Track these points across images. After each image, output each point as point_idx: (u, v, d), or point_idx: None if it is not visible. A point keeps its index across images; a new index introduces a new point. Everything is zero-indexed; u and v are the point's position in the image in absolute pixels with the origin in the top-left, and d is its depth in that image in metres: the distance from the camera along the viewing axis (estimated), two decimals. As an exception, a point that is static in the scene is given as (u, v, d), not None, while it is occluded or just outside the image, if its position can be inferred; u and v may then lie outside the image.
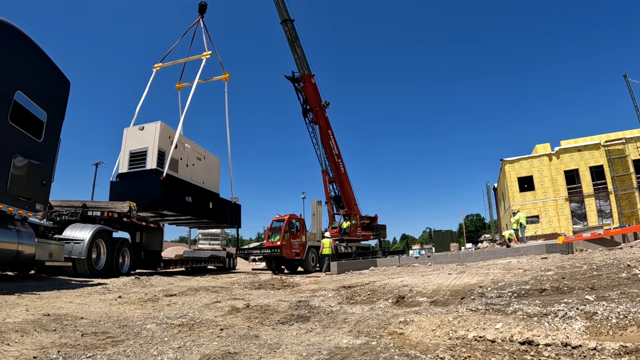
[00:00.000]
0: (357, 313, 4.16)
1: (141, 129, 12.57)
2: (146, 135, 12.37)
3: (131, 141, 12.61)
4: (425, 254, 18.87)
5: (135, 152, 12.36)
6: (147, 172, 11.99)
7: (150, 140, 12.22)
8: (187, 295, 6.35)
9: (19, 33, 6.26)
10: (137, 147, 12.37)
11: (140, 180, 12.01)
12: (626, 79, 35.86)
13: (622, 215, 31.11)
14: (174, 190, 12.57)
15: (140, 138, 12.44)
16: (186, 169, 13.75)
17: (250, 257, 24.42)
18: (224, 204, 17.00)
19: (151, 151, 12.10)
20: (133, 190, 11.88)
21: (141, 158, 12.20)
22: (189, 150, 14.00)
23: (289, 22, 20.26)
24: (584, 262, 6.78)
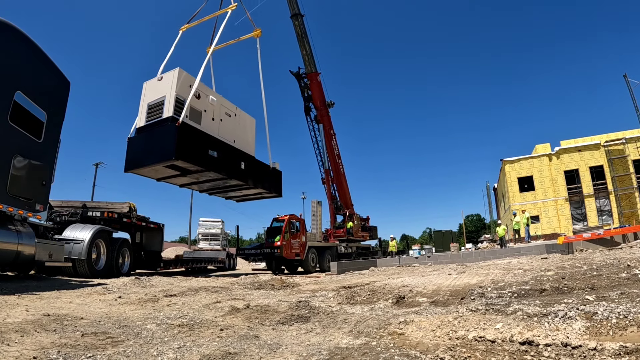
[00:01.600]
0: (357, 313, 4.16)
1: (159, 80, 11.72)
2: (164, 84, 11.51)
3: (149, 94, 11.75)
4: (425, 254, 18.89)
5: (152, 103, 11.46)
6: (163, 120, 11.09)
7: (167, 88, 11.32)
8: (187, 295, 6.35)
9: (18, 33, 6.26)
10: (154, 98, 11.49)
11: (155, 131, 11.12)
12: (626, 79, 35.87)
13: (622, 216, 31.12)
14: (193, 141, 11.42)
15: (158, 88, 11.58)
16: (212, 123, 12.42)
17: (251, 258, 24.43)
18: (261, 167, 15.03)
19: (168, 99, 11.18)
20: (149, 143, 11.15)
21: (158, 109, 11.29)
22: (216, 104, 12.68)
23: (299, 17, 19.97)
24: (584, 262, 6.78)
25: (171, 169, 11.74)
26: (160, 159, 11.00)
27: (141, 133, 11.47)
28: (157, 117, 11.20)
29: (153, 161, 11.09)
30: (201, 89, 12.17)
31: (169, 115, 11.00)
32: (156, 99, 11.41)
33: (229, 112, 13.52)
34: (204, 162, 11.78)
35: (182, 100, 11.31)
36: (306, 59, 20.63)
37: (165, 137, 10.85)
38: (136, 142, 11.50)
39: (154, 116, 11.30)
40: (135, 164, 11.30)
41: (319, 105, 21.43)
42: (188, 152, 11.09)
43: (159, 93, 11.47)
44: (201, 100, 12.02)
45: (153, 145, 10.99)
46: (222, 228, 26.61)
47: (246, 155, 14.06)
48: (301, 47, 20.48)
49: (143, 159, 11.21)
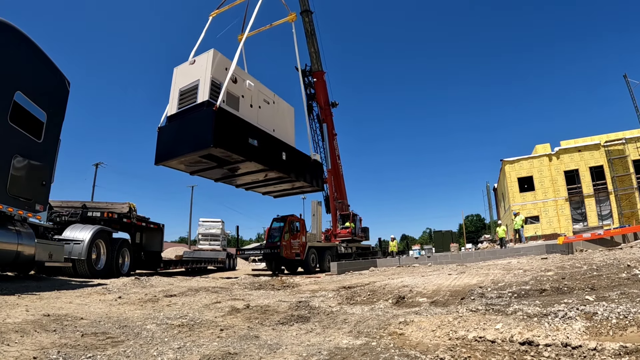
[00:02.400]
0: (357, 313, 4.16)
1: (192, 63, 10.75)
2: (197, 67, 10.56)
3: (181, 79, 10.82)
4: (425, 255, 18.90)
5: (185, 88, 10.49)
6: (198, 106, 10.09)
7: (202, 71, 10.33)
8: (187, 295, 6.35)
9: (18, 33, 6.26)
10: (187, 83, 10.55)
11: (191, 117, 10.13)
12: (626, 79, 35.88)
13: (622, 216, 31.13)
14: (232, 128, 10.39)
15: (190, 73, 10.64)
16: (250, 110, 11.36)
17: (250, 258, 24.43)
18: (303, 158, 13.88)
19: (202, 82, 10.20)
20: (182, 131, 10.20)
21: (192, 93, 10.32)
22: (253, 90, 11.62)
23: (309, 14, 19.80)
24: (584, 263, 6.77)
25: (207, 160, 10.76)
26: (196, 147, 9.97)
27: (173, 121, 10.51)
28: (191, 102, 10.21)
29: (187, 150, 10.07)
30: (238, 73, 11.12)
31: (205, 100, 9.96)
32: (189, 83, 10.46)
33: (267, 99, 12.44)
34: (244, 151, 10.69)
35: (218, 83, 10.28)
36: (313, 57, 20.47)
37: (200, 123, 9.82)
38: (167, 132, 10.57)
39: (187, 102, 10.33)
40: (167, 155, 10.38)
41: (323, 105, 21.34)
42: (227, 140, 10.00)
43: (192, 77, 10.52)
44: (238, 85, 10.92)
45: (187, 133, 10.02)
46: (222, 228, 26.59)
47: (287, 145, 12.97)
48: (309, 45, 20.35)
49: (176, 149, 10.24)
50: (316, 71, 20.79)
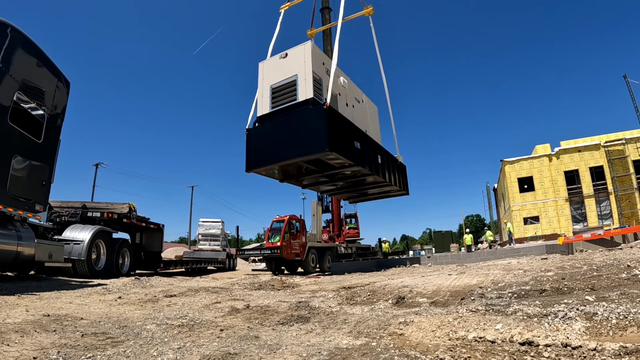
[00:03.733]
0: (357, 314, 4.16)
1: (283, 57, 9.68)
2: (292, 61, 9.47)
3: (271, 75, 9.75)
4: (425, 255, 18.90)
5: (279, 85, 9.41)
6: (301, 104, 8.96)
7: (299, 66, 9.22)
8: (187, 296, 6.35)
9: (18, 33, 6.26)
10: (281, 79, 9.46)
11: (292, 117, 8.99)
12: (626, 80, 35.89)
13: (622, 216, 31.13)
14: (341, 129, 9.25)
15: (283, 68, 9.59)
16: (347, 109, 10.26)
17: (250, 258, 24.42)
18: (392, 160, 12.84)
19: (303, 77, 9.07)
20: (282, 132, 9.06)
21: (289, 90, 9.25)
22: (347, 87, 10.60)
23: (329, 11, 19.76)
24: (584, 263, 6.77)
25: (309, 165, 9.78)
26: (304, 151, 8.80)
27: (267, 121, 9.42)
28: (289, 100, 9.12)
29: (292, 155, 8.95)
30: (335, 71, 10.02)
31: (309, 97, 8.86)
32: (284, 79, 9.38)
33: (358, 98, 11.39)
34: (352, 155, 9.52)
35: (318, 79, 9.28)
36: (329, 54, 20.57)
37: (308, 124, 8.70)
38: (261, 134, 9.45)
39: (283, 100, 9.25)
40: (264, 160, 9.41)
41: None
42: (339, 143, 8.89)
43: (286, 72, 9.44)
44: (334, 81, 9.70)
45: (290, 135, 8.85)
46: (222, 228, 26.59)
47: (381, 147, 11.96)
48: (325, 42, 20.39)
49: (276, 154, 9.18)
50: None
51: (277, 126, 9.17)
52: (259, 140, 9.45)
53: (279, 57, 9.80)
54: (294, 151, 8.88)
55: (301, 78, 9.11)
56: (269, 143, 9.19)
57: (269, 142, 9.20)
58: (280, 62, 9.69)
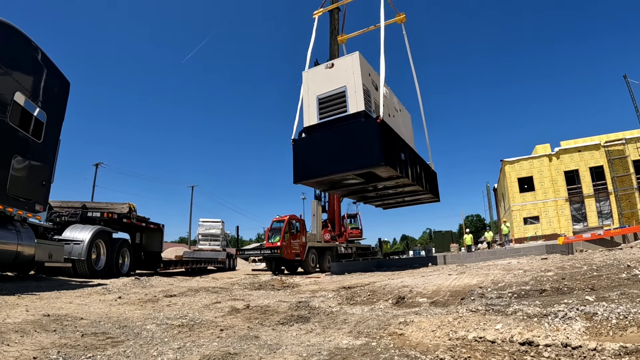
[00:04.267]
0: (357, 314, 4.16)
1: (329, 67, 9.64)
2: (340, 72, 9.39)
3: (317, 85, 9.65)
4: (425, 255, 18.89)
5: (326, 95, 9.33)
6: (352, 116, 8.90)
7: (348, 77, 9.16)
8: (187, 295, 6.35)
9: (18, 33, 6.26)
10: (328, 89, 9.38)
11: (343, 129, 8.90)
12: (626, 80, 35.90)
13: (622, 216, 31.14)
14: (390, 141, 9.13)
15: (330, 78, 9.47)
16: (390, 120, 10.11)
17: (250, 258, 24.42)
18: (425, 167, 12.66)
19: (353, 89, 8.99)
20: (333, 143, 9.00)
21: (338, 101, 9.17)
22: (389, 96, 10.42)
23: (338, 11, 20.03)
24: (584, 263, 6.77)
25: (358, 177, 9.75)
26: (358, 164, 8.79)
27: (315, 132, 9.37)
28: (339, 111, 9.07)
29: (345, 168, 8.92)
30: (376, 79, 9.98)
31: (360, 110, 8.84)
32: (332, 89, 9.33)
33: (397, 107, 11.30)
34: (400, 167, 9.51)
35: (368, 91, 9.24)
36: (335, 55, 20.57)
37: (362, 137, 8.68)
38: (310, 145, 9.42)
39: (332, 111, 9.20)
40: (314, 172, 9.37)
41: None
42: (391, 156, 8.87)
43: (334, 83, 9.36)
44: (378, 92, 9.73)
45: (342, 148, 8.83)
46: (222, 228, 26.60)
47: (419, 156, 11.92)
48: (333, 43, 20.39)
49: (328, 166, 9.13)
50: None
51: (327, 138, 9.14)
52: (308, 152, 9.44)
53: (324, 67, 9.79)
54: (346, 164, 8.86)
55: (350, 90, 9.07)
56: (319, 155, 9.17)
57: (318, 154, 9.19)
58: (326, 72, 9.64)
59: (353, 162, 8.80)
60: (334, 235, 20.18)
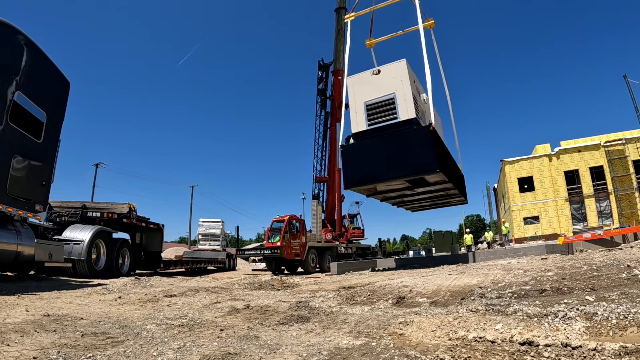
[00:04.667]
0: (357, 314, 4.16)
1: (376, 73, 9.71)
2: (387, 79, 9.49)
3: (364, 91, 9.76)
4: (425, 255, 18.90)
5: (374, 102, 9.45)
6: (403, 123, 9.05)
7: (396, 84, 9.32)
8: (187, 295, 6.35)
9: (18, 33, 6.26)
10: (376, 96, 9.50)
11: (395, 136, 9.05)
12: (626, 80, 35.92)
13: (622, 216, 31.13)
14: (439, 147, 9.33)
15: (377, 84, 9.58)
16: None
17: (250, 258, 24.42)
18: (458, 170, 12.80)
19: (402, 96, 9.15)
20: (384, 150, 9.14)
21: (387, 108, 9.27)
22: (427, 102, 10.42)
23: (344, 11, 19.77)
24: (584, 263, 6.77)
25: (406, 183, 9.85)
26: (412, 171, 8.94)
27: (364, 139, 9.50)
28: (389, 118, 9.24)
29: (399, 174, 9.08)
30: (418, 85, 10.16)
31: (411, 117, 9.01)
32: (380, 96, 9.45)
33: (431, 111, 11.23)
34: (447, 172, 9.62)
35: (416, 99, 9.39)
36: (340, 55, 20.38)
37: (415, 144, 8.86)
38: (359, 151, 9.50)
39: (381, 118, 9.35)
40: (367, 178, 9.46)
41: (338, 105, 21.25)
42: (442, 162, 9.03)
43: (381, 90, 9.49)
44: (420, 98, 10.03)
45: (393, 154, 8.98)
46: (222, 228, 26.62)
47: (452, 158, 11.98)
48: (338, 42, 20.21)
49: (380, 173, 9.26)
50: (338, 69, 20.59)
51: (379, 145, 9.24)
52: (358, 158, 9.51)
53: (370, 73, 9.85)
54: (399, 170, 9.02)
55: (400, 97, 9.22)
56: (370, 161, 9.27)
57: (369, 161, 9.28)
58: (373, 79, 9.75)
59: (406, 168, 8.98)
60: (335, 235, 20.21)
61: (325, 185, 21.18)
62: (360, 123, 9.62)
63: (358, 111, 9.70)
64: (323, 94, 21.21)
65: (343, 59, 20.23)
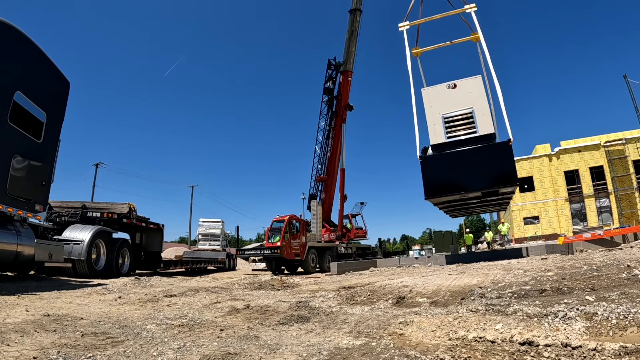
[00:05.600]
0: (357, 314, 4.16)
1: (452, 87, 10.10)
2: (463, 93, 9.93)
3: (440, 104, 10.08)
4: (425, 255, 18.91)
5: (452, 116, 9.86)
6: (483, 137, 9.52)
7: (473, 99, 9.78)
8: (187, 295, 6.35)
9: (18, 33, 6.26)
10: (453, 110, 9.89)
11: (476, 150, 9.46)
12: (626, 80, 35.93)
13: (622, 216, 31.14)
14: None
15: (454, 98, 9.95)
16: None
17: (250, 258, 24.42)
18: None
19: (480, 112, 9.64)
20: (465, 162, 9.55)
21: (466, 122, 9.73)
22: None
23: (358, 13, 20.01)
24: (584, 263, 6.77)
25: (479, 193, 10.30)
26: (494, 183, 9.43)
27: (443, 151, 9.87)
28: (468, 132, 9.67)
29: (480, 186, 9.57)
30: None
31: (491, 132, 9.58)
32: (457, 110, 9.86)
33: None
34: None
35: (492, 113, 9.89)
36: (352, 56, 20.71)
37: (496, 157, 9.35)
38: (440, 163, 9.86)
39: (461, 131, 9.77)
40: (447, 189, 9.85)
41: (344, 105, 21.30)
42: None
43: (458, 103, 9.92)
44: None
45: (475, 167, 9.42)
46: (222, 228, 26.60)
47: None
48: (351, 43, 20.42)
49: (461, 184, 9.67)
50: (348, 70, 20.84)
51: (460, 157, 9.60)
52: (441, 170, 9.88)
53: (446, 87, 10.22)
54: (481, 183, 9.52)
55: (478, 112, 9.69)
56: (453, 173, 9.68)
57: (449, 172, 9.70)
58: (448, 92, 10.13)
59: (488, 180, 9.48)
60: (339, 235, 20.26)
61: (321, 185, 21.23)
62: (439, 135, 9.95)
63: (436, 123, 10.03)
64: (330, 93, 21.22)
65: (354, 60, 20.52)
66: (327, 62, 21.01)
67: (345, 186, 21.22)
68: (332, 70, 21.03)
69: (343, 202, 21.09)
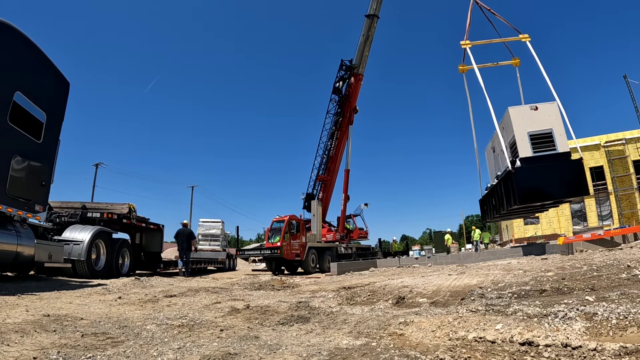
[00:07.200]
0: (357, 314, 4.16)
1: (534, 109, 12.13)
2: (544, 115, 11.99)
3: (525, 122, 12.05)
4: (425, 255, 18.91)
5: (536, 133, 11.82)
6: (561, 155, 11.61)
7: (552, 121, 11.90)
8: (187, 296, 6.35)
9: (18, 33, 6.26)
10: (537, 129, 11.87)
11: (556, 165, 11.56)
12: (626, 80, 35.94)
13: (622, 216, 31.10)
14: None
15: (536, 118, 11.99)
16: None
17: (250, 258, 24.41)
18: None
19: (558, 133, 11.75)
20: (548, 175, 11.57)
21: (546, 140, 11.75)
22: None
23: (377, 19, 20.25)
24: (584, 263, 6.78)
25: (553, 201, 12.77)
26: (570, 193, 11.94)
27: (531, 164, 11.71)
28: (549, 149, 11.68)
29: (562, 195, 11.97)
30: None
31: (567, 151, 11.67)
32: (540, 129, 11.81)
33: None
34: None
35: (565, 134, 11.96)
36: (365, 60, 21.04)
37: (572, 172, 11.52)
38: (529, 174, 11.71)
39: (543, 148, 11.73)
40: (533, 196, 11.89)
41: (352, 107, 21.36)
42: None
43: (540, 124, 11.88)
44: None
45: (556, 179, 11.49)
46: (222, 229, 26.54)
47: None
48: (366, 48, 20.69)
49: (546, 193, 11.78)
50: (359, 73, 21.10)
51: (545, 170, 11.60)
52: (528, 180, 11.74)
53: (529, 108, 12.27)
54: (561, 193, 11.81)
55: (557, 132, 11.78)
56: (540, 183, 11.66)
57: (537, 183, 11.66)
58: (531, 113, 12.15)
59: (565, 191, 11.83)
60: (342, 235, 20.27)
61: (320, 184, 21.26)
62: (526, 149, 11.85)
63: (523, 139, 11.93)
64: (339, 93, 21.24)
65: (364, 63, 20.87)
66: (340, 62, 21.10)
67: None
68: (345, 72, 21.13)
69: (346, 202, 21.09)
